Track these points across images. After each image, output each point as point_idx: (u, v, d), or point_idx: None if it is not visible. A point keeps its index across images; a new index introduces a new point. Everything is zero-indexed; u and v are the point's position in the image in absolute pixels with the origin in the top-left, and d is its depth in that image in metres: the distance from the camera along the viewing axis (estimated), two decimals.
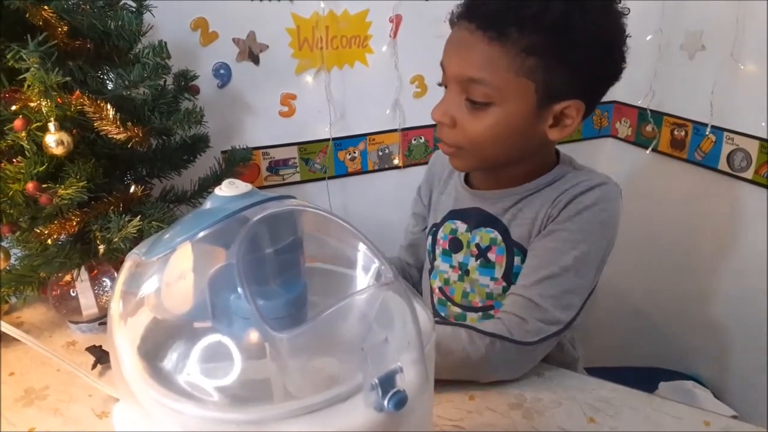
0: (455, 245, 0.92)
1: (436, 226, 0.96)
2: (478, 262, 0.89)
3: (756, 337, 1.40)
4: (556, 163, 0.88)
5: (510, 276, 0.86)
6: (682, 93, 1.51)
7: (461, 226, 0.92)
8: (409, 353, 0.41)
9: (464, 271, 0.91)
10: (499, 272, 0.87)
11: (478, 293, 0.90)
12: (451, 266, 0.93)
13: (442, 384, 0.72)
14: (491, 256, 0.88)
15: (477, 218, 0.90)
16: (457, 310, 0.93)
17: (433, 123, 1.52)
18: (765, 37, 1.27)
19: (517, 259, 0.85)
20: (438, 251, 0.95)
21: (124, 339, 0.43)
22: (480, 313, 0.90)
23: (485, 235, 0.88)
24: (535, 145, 0.83)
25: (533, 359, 0.79)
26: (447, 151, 0.84)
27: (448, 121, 0.80)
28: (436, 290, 0.96)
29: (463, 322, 0.79)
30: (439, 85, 0.84)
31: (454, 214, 0.94)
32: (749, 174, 1.36)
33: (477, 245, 0.89)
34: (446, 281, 0.94)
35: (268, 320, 0.38)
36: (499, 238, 0.87)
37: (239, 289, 0.39)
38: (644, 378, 1.43)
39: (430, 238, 0.98)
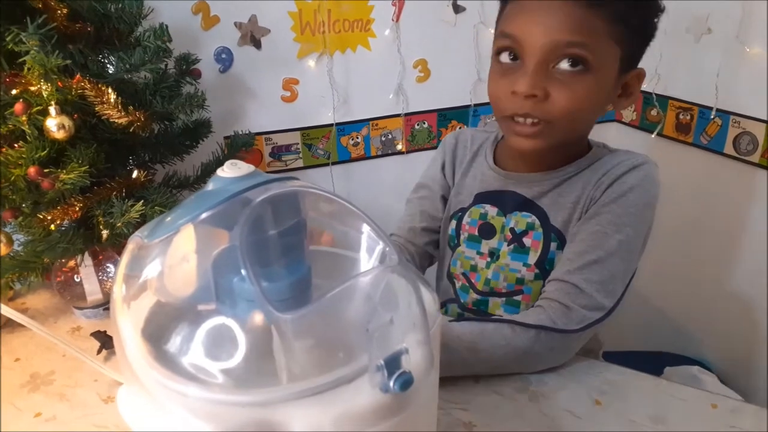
0: (487, 231, 0.89)
1: (462, 211, 0.93)
2: (511, 246, 0.86)
3: (762, 322, 1.40)
4: (590, 146, 0.87)
5: (544, 262, 0.84)
6: (687, 76, 1.49)
7: (491, 210, 0.89)
8: (414, 334, 0.41)
9: (495, 257, 0.88)
10: (533, 258, 0.85)
11: (506, 278, 0.87)
12: (479, 252, 0.90)
13: None
14: (527, 241, 0.85)
15: (512, 202, 0.87)
16: (478, 296, 0.90)
17: (436, 108, 1.55)
18: None
19: (553, 245, 0.83)
20: (463, 237, 0.92)
21: (128, 322, 0.42)
22: (504, 299, 0.88)
23: (521, 220, 0.86)
24: (600, 116, 0.83)
25: (578, 345, 0.78)
26: (530, 131, 0.77)
27: (541, 93, 0.74)
28: (459, 276, 0.93)
29: (504, 316, 0.77)
30: (498, 53, 0.78)
31: (481, 198, 0.91)
32: (755, 157, 1.35)
33: (512, 230, 0.86)
34: (473, 267, 0.91)
35: (273, 302, 0.38)
36: (537, 222, 0.84)
37: (243, 271, 0.38)
38: (650, 362, 1.43)
39: (454, 222, 0.94)
